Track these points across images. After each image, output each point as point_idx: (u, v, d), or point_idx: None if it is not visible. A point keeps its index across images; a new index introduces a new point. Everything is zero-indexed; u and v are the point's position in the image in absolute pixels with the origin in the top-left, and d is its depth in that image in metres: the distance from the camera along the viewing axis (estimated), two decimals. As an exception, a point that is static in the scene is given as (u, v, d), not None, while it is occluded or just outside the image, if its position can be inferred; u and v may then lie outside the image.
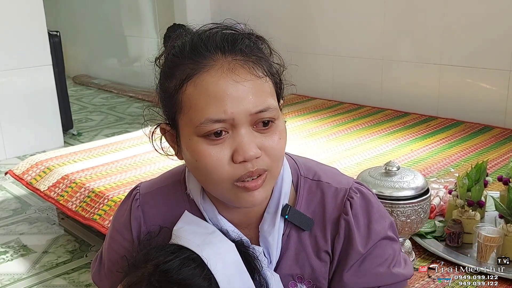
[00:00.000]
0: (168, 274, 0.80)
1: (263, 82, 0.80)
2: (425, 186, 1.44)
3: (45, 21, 3.31)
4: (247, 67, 0.79)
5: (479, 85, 2.96)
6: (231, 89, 0.77)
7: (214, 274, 0.80)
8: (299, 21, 3.79)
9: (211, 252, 0.82)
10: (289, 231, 0.91)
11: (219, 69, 0.78)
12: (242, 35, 0.83)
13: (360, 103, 3.43)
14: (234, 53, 0.80)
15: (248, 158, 0.78)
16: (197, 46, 0.80)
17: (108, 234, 1.01)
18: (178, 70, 0.81)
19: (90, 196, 2.03)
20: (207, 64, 0.78)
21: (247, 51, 0.81)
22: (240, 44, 0.81)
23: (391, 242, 0.93)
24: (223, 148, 0.78)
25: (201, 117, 0.77)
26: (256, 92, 0.78)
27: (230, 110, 0.76)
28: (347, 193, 0.91)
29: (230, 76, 0.77)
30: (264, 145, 0.80)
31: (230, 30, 0.84)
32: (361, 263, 0.90)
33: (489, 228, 1.49)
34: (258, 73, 0.80)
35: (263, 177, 0.81)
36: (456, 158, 2.37)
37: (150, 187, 0.98)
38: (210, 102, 0.77)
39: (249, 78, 0.78)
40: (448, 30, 3.02)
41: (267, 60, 0.84)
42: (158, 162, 2.33)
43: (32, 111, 3.31)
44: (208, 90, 0.77)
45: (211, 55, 0.79)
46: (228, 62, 0.78)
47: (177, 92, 0.80)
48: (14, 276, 1.89)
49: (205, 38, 0.81)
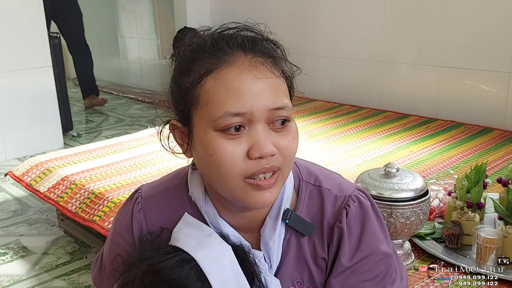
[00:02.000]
0: (160, 274, 0.80)
1: (281, 82, 0.82)
2: (424, 187, 1.44)
3: (45, 23, 3.31)
4: (266, 65, 0.81)
5: (479, 87, 2.96)
6: (252, 84, 0.78)
7: (207, 276, 0.81)
8: (299, 23, 3.79)
9: (206, 254, 0.83)
10: (289, 236, 0.91)
11: (240, 65, 0.80)
12: (261, 38, 0.85)
13: (359, 105, 3.43)
14: (254, 52, 0.82)
15: (264, 155, 0.78)
16: (218, 43, 0.82)
17: (109, 237, 1.01)
18: (197, 65, 0.82)
19: (90, 197, 2.03)
20: (228, 60, 0.80)
21: (265, 52, 0.83)
22: (260, 45, 0.83)
23: (385, 258, 0.91)
24: (239, 143, 0.79)
25: (220, 110, 0.78)
26: (274, 90, 0.80)
27: (250, 104, 0.78)
28: (345, 200, 0.90)
29: (251, 72, 0.79)
30: (279, 144, 0.80)
31: (250, 31, 0.86)
32: (348, 275, 0.89)
33: (489, 230, 1.50)
34: (277, 73, 0.82)
35: (276, 176, 0.82)
36: (456, 160, 2.37)
37: (152, 190, 0.98)
38: (230, 96, 0.78)
39: (269, 76, 0.80)
40: (447, 32, 3.02)
41: (283, 63, 0.86)
42: (158, 164, 2.33)
43: (32, 112, 3.32)
44: (229, 84, 0.78)
45: (232, 51, 0.81)
46: (249, 60, 0.80)
47: (194, 86, 0.81)
48: (14, 277, 1.89)
49: (226, 36, 0.83)
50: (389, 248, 0.93)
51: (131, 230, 0.95)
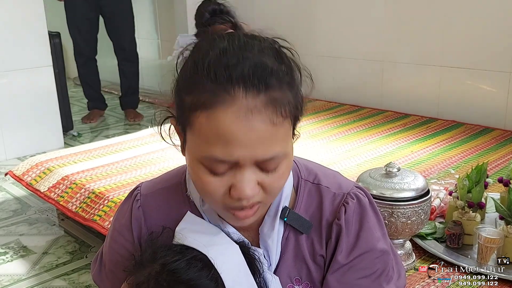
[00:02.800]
0: (176, 274, 0.80)
1: (279, 128, 0.75)
2: (425, 187, 1.44)
3: (46, 22, 3.31)
4: (265, 113, 0.73)
5: (479, 87, 2.96)
6: (243, 136, 0.73)
7: (220, 274, 0.81)
8: (300, 23, 3.79)
9: (217, 252, 0.83)
10: (287, 234, 0.91)
11: (236, 111, 0.72)
12: (274, 69, 0.75)
13: (360, 104, 3.43)
14: (257, 92, 0.73)
15: (244, 198, 0.77)
16: (220, 75, 0.73)
17: (109, 235, 1.01)
18: (196, 91, 0.75)
19: (90, 197, 2.03)
20: (225, 101, 0.72)
21: (274, 89, 0.74)
22: (269, 81, 0.74)
23: (382, 255, 0.91)
24: (222, 180, 0.77)
25: (206, 152, 0.75)
26: (267, 140, 0.74)
27: (237, 155, 0.74)
28: (344, 198, 0.90)
29: (245, 123, 0.72)
30: (264, 182, 0.78)
31: (263, 61, 0.75)
32: (345, 272, 0.89)
33: (490, 230, 1.49)
34: (276, 120, 0.74)
35: (255, 209, 0.81)
36: (457, 159, 2.37)
37: (151, 187, 0.97)
38: (218, 142, 0.74)
39: (264, 127, 0.73)
40: (448, 32, 3.02)
41: (295, 94, 0.79)
42: (158, 163, 2.33)
43: (32, 112, 3.31)
44: (219, 130, 0.73)
45: (231, 89, 0.72)
46: (247, 105, 0.72)
47: (190, 111, 0.76)
48: (14, 277, 1.89)
49: (231, 67, 0.73)
50: (386, 246, 0.93)
51: (130, 228, 0.94)
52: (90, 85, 4.08)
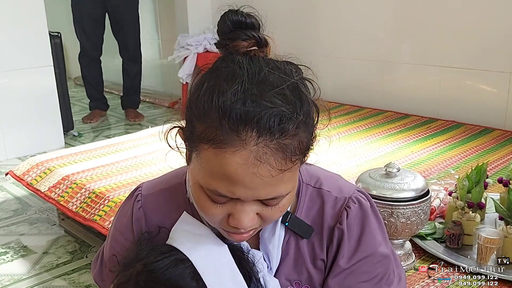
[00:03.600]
0: (154, 274, 0.80)
1: (287, 172, 0.74)
2: (425, 187, 1.44)
3: (46, 22, 3.32)
4: (275, 159, 0.71)
5: (480, 87, 2.96)
6: (248, 180, 0.72)
7: (202, 275, 0.81)
8: (300, 23, 3.79)
9: (202, 254, 0.83)
10: (288, 237, 0.91)
11: (244, 156, 0.70)
12: (292, 116, 0.71)
13: (360, 104, 3.43)
14: (270, 138, 0.70)
15: (242, 228, 0.78)
16: (235, 113, 0.70)
17: (110, 235, 1.01)
18: (208, 123, 0.72)
19: (90, 197, 2.03)
20: (235, 144, 0.70)
21: (289, 134, 0.72)
22: (286, 126, 0.71)
23: (383, 259, 0.91)
24: (222, 207, 0.78)
25: (209, 184, 0.75)
26: (272, 184, 0.74)
27: (239, 194, 0.74)
28: (346, 202, 0.90)
29: (252, 170, 0.71)
30: (263, 214, 0.79)
31: (281, 105, 0.71)
32: (346, 276, 0.89)
33: (489, 230, 1.50)
34: (285, 167, 0.73)
35: (251, 232, 0.82)
36: (457, 160, 2.37)
37: (152, 188, 0.97)
38: (223, 180, 0.73)
39: (272, 174, 0.72)
40: (448, 32, 3.02)
41: (310, 134, 0.77)
42: (159, 163, 2.33)
43: (33, 112, 3.32)
44: (226, 170, 0.72)
45: (243, 133, 0.70)
46: (257, 152, 0.70)
47: (199, 140, 0.74)
48: (14, 276, 1.89)
49: (248, 107, 0.70)
50: (387, 250, 0.93)
51: (131, 228, 0.95)
52: (93, 86, 4.09)
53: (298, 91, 0.75)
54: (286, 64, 0.78)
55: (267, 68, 0.74)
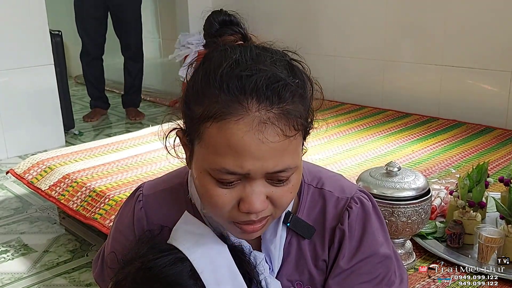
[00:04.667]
0: (152, 272, 0.80)
1: (291, 140, 0.75)
2: (426, 186, 1.44)
3: (47, 21, 3.31)
4: (278, 125, 0.72)
5: (481, 86, 2.96)
6: (255, 147, 0.72)
7: (200, 275, 0.81)
8: (301, 22, 3.79)
9: (201, 254, 0.82)
10: (290, 238, 0.90)
11: (248, 123, 0.71)
12: (287, 82, 0.74)
13: (361, 103, 3.43)
14: (271, 104, 0.72)
15: (254, 211, 0.77)
16: (233, 86, 0.72)
17: (111, 235, 1.01)
18: (207, 101, 0.74)
19: (91, 195, 2.03)
20: (237, 113, 0.72)
21: (286, 101, 0.73)
22: (282, 94, 0.73)
23: (385, 260, 0.91)
24: (231, 193, 0.77)
25: (217, 163, 0.74)
26: (279, 153, 0.74)
27: (248, 167, 0.73)
28: (347, 202, 0.90)
29: (257, 135, 0.71)
30: (274, 196, 0.78)
31: (276, 73, 0.74)
32: (347, 276, 0.89)
33: (490, 229, 1.49)
34: (289, 133, 0.74)
35: (263, 222, 0.80)
36: (457, 159, 2.37)
37: (154, 188, 0.97)
38: (229, 153, 0.73)
39: (277, 140, 0.73)
40: (449, 31, 3.01)
41: (306, 107, 0.79)
42: (160, 162, 2.33)
43: (33, 110, 3.31)
44: (231, 142, 0.72)
45: (244, 100, 0.72)
46: (260, 118, 0.72)
47: (200, 121, 0.75)
48: (15, 275, 1.89)
49: (244, 79, 0.72)
50: (389, 250, 0.92)
51: (133, 228, 0.94)
52: (94, 84, 4.09)
53: (290, 64, 0.78)
54: (275, 49, 0.80)
55: (257, 50, 0.77)
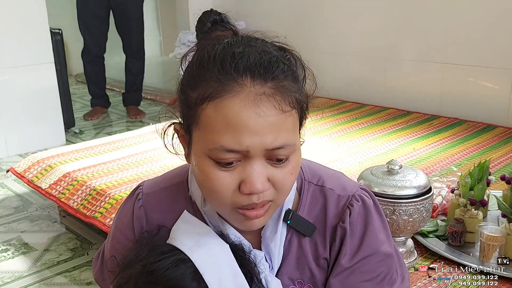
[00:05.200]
0: (154, 275, 0.79)
1: (287, 116, 0.76)
2: (427, 184, 1.44)
3: (48, 19, 3.31)
4: (273, 100, 0.74)
5: (482, 84, 2.95)
6: (252, 122, 0.73)
7: (203, 275, 0.80)
8: (302, 19, 3.78)
9: (203, 254, 0.82)
10: (290, 236, 0.90)
11: (244, 98, 0.73)
12: (278, 59, 0.77)
13: (362, 101, 3.42)
14: (265, 80, 0.74)
15: (255, 192, 0.76)
16: (226, 65, 0.74)
17: (111, 234, 1.00)
18: (202, 83, 0.76)
19: (91, 194, 2.03)
20: (233, 89, 0.73)
21: (279, 79, 0.75)
22: (274, 70, 0.75)
23: (386, 258, 0.90)
24: (232, 175, 0.76)
25: (215, 142, 0.74)
26: (276, 128, 0.74)
27: (246, 143, 0.73)
28: (349, 200, 0.89)
29: (254, 109, 0.73)
30: (274, 177, 0.78)
31: (267, 51, 0.77)
32: (348, 275, 0.88)
33: (492, 227, 1.49)
34: (284, 108, 0.75)
35: (266, 207, 0.79)
36: (459, 157, 2.36)
37: (153, 186, 0.96)
38: (227, 130, 0.73)
39: (273, 113, 0.74)
40: (451, 28, 3.01)
41: (298, 88, 0.79)
42: (160, 160, 2.33)
43: (34, 109, 3.31)
44: (228, 118, 0.73)
45: (239, 78, 0.74)
46: (255, 92, 0.73)
47: (196, 105, 0.76)
48: (15, 273, 1.89)
49: (237, 57, 0.75)
50: (390, 249, 0.92)
51: (132, 227, 0.94)
52: (95, 83, 4.08)
53: (282, 47, 0.80)
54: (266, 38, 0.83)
55: (248, 36, 0.81)
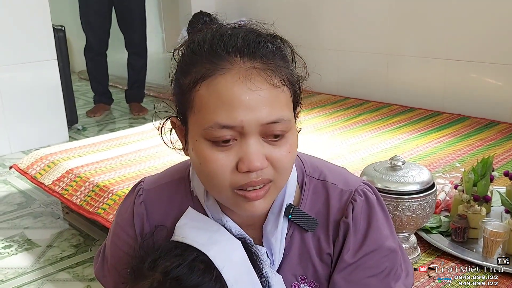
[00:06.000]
0: (180, 281, 0.78)
1: (280, 92, 0.77)
2: (430, 180, 1.43)
3: (50, 16, 3.31)
4: (264, 75, 0.75)
5: (485, 80, 2.94)
6: (245, 96, 0.74)
7: (221, 272, 0.79)
8: (305, 16, 3.78)
9: (218, 250, 0.81)
10: (292, 232, 0.89)
11: (235, 74, 0.75)
12: (266, 39, 0.79)
13: (365, 98, 3.42)
14: (254, 58, 0.76)
15: (253, 169, 0.76)
16: (216, 46, 0.77)
17: (111, 230, 1.00)
18: (194, 68, 0.78)
19: (94, 190, 2.03)
20: (224, 67, 0.75)
21: (268, 57, 0.77)
22: (262, 49, 0.77)
23: (390, 253, 0.90)
24: (229, 155, 0.76)
25: (210, 120, 0.75)
26: (270, 102, 0.75)
27: (240, 118, 0.74)
28: (352, 195, 0.89)
29: (245, 84, 0.74)
30: (272, 156, 0.77)
31: (254, 31, 0.80)
32: (352, 270, 0.88)
33: (495, 223, 1.49)
34: (276, 83, 0.76)
35: (266, 188, 0.79)
36: (462, 153, 2.35)
37: (154, 182, 0.96)
38: (221, 107, 0.74)
39: (265, 88, 0.75)
40: (453, 25, 3.00)
41: (288, 68, 0.80)
42: (163, 157, 2.33)
43: (37, 106, 3.31)
44: (221, 94, 0.74)
45: (229, 57, 0.76)
46: (246, 68, 0.75)
47: (190, 90, 0.78)
48: (19, 270, 1.90)
49: (226, 38, 0.77)
50: (394, 244, 0.91)
51: (133, 223, 0.93)
52: (98, 80, 4.08)
53: (269, 34, 0.82)
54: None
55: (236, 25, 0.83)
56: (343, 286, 0.88)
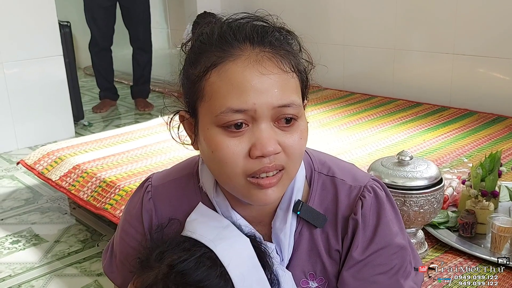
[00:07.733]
0: (185, 275, 0.78)
1: (290, 78, 0.78)
2: (438, 175, 1.43)
3: (56, 12, 3.31)
4: (274, 60, 0.77)
5: (492, 75, 2.92)
6: (256, 80, 0.75)
7: (227, 269, 0.79)
8: (311, 11, 3.76)
9: (225, 247, 0.81)
10: (301, 228, 0.89)
11: (246, 59, 0.76)
12: (273, 28, 0.81)
13: (372, 93, 3.41)
14: (263, 45, 0.78)
15: (266, 154, 0.76)
16: (225, 34, 0.79)
17: (120, 226, 1.00)
18: (204, 57, 0.79)
19: (101, 185, 2.03)
20: (234, 54, 0.77)
21: (276, 44, 0.79)
22: (270, 37, 0.79)
23: (400, 250, 0.89)
24: (241, 141, 0.76)
25: (222, 105, 0.75)
26: (281, 86, 0.76)
27: (253, 101, 0.74)
28: (361, 191, 0.88)
29: (256, 68, 0.75)
30: (284, 142, 0.77)
31: (261, 21, 0.82)
32: (361, 267, 0.87)
33: (503, 219, 1.48)
34: (285, 68, 0.78)
35: (279, 176, 0.79)
36: (470, 148, 2.34)
37: (162, 178, 0.96)
38: (233, 91, 0.75)
39: (276, 72, 0.76)
40: (460, 19, 2.98)
41: (296, 56, 0.81)
42: (169, 152, 2.33)
43: (43, 101, 3.32)
44: (232, 80, 0.75)
45: (239, 44, 0.78)
46: (256, 54, 0.77)
47: (200, 79, 0.79)
48: (27, 265, 1.90)
49: (234, 27, 0.79)
50: (404, 241, 0.91)
51: (141, 220, 0.93)
52: (103, 75, 4.09)
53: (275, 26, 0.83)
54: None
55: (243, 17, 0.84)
56: (352, 283, 0.87)
